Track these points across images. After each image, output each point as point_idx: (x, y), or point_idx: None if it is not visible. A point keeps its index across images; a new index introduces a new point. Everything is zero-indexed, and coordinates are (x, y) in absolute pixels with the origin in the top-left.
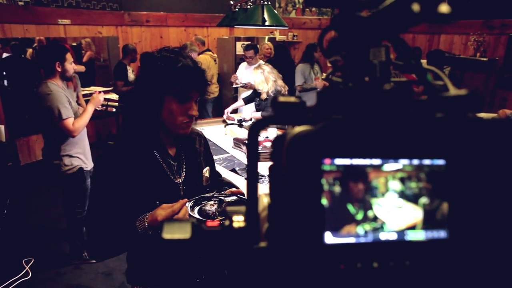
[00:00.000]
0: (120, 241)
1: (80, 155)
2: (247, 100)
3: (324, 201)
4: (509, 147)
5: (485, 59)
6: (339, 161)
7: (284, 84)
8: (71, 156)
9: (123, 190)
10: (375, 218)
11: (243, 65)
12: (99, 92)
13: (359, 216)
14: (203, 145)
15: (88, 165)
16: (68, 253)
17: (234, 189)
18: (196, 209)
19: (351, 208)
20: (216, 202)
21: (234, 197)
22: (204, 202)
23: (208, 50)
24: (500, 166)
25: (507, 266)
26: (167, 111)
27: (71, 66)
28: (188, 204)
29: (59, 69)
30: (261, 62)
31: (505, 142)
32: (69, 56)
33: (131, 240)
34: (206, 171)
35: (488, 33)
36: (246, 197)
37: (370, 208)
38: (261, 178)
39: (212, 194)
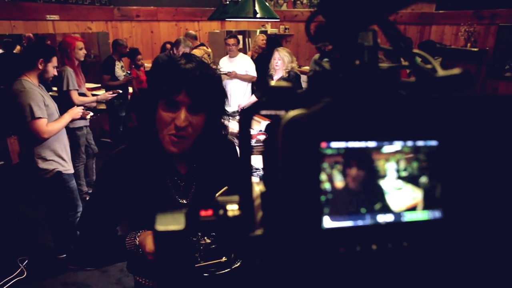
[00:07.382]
0: (107, 254)
1: (57, 158)
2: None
3: (327, 185)
4: (500, 123)
5: (475, 49)
6: (335, 145)
7: None
8: (45, 160)
9: (121, 200)
10: (376, 201)
11: (225, 59)
12: (85, 110)
13: (360, 199)
14: (228, 161)
15: (68, 168)
16: (64, 259)
17: None
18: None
19: (351, 191)
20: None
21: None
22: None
23: (202, 44)
24: (492, 143)
25: (501, 245)
26: (158, 120)
27: (52, 70)
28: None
29: (40, 66)
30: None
31: (496, 119)
32: (54, 60)
33: (118, 255)
34: (220, 194)
35: (478, 23)
36: None
37: (371, 190)
38: (256, 171)
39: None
